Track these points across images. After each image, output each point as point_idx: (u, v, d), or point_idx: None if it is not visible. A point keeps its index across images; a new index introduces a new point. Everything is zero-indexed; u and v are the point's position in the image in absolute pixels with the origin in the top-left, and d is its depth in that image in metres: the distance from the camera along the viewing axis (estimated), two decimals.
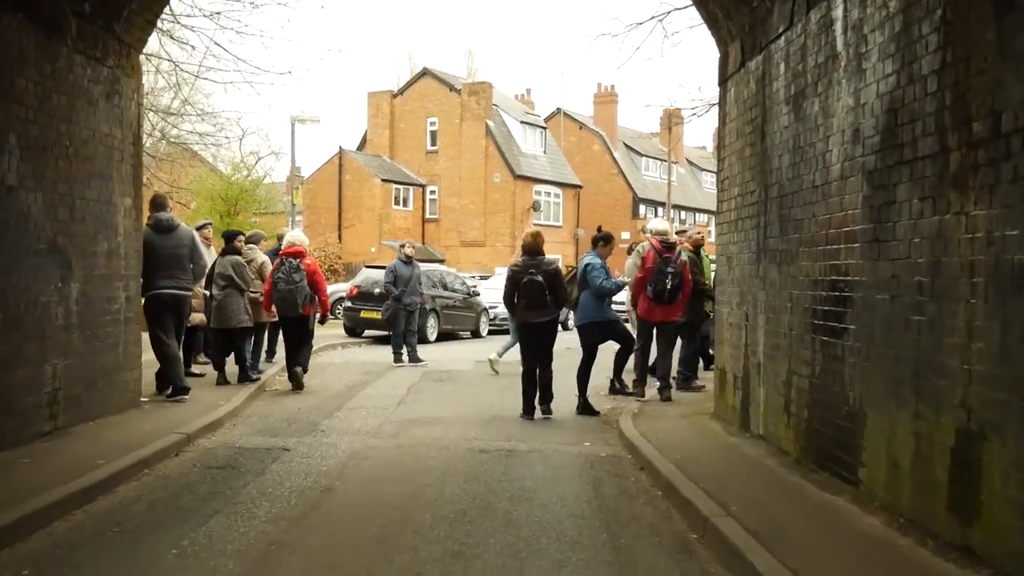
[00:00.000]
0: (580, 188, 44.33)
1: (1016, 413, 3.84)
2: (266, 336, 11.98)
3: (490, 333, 20.94)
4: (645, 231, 11.20)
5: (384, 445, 7.67)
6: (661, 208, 43.36)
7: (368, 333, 18.73)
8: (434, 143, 41.87)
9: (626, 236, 34.70)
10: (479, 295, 21.06)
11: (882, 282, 5.11)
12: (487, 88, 41.17)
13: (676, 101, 54.67)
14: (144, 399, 8.88)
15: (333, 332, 18.10)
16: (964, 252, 4.26)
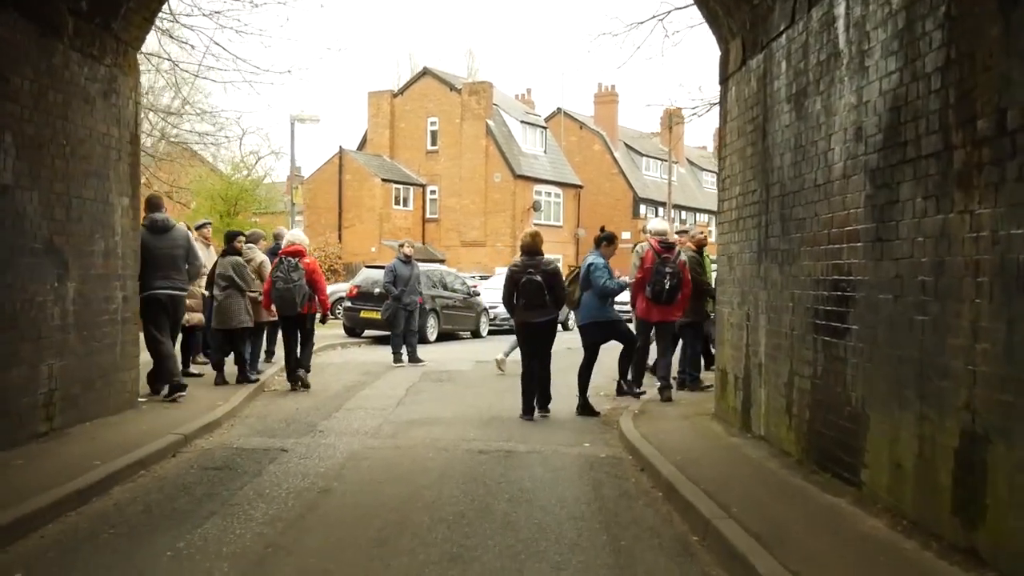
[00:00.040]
0: (580, 188, 44.29)
1: (1022, 415, 3.79)
2: (265, 336, 11.96)
3: (490, 333, 20.90)
4: (646, 231, 11.17)
5: (383, 446, 7.62)
6: (662, 208, 43.29)
7: (368, 333, 18.69)
8: (434, 143, 41.83)
9: (627, 236, 34.60)
10: (479, 295, 21.03)
11: (885, 282, 5.06)
12: (487, 88, 41.14)
13: (677, 101, 54.67)
14: (142, 399, 8.83)
15: (333, 332, 18.06)
16: (968, 251, 4.21)
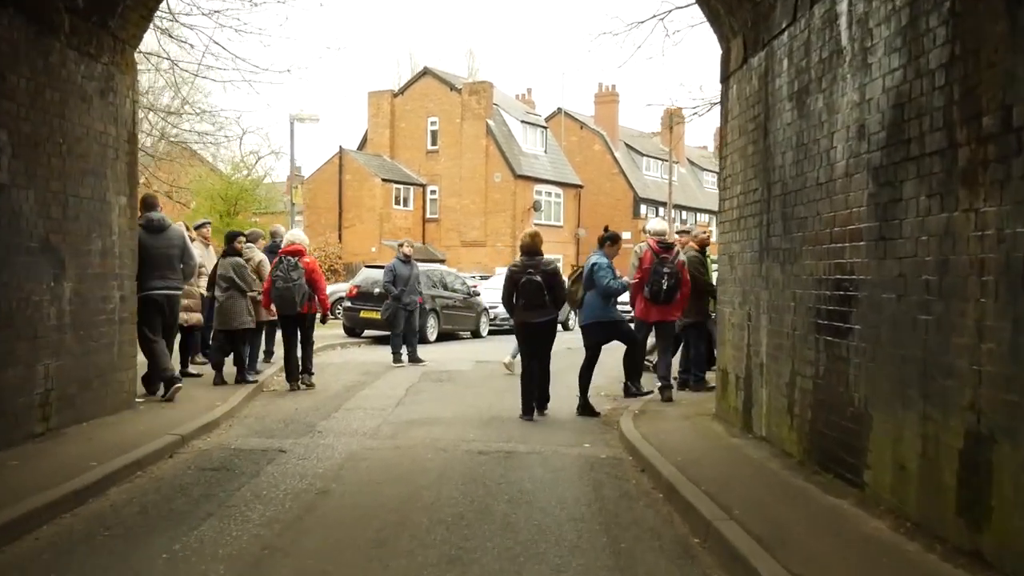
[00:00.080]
0: (581, 188, 44.23)
1: None
2: (263, 336, 11.91)
3: (490, 333, 20.85)
4: (645, 231, 11.14)
5: (382, 446, 7.57)
6: (662, 208, 43.23)
7: (367, 333, 18.64)
8: (435, 143, 41.78)
9: (627, 236, 34.53)
10: (479, 295, 20.98)
11: (888, 281, 5.01)
12: (488, 87, 41.09)
13: (677, 100, 54.73)
14: (139, 399, 8.78)
15: (332, 332, 18.01)
16: (973, 250, 4.16)
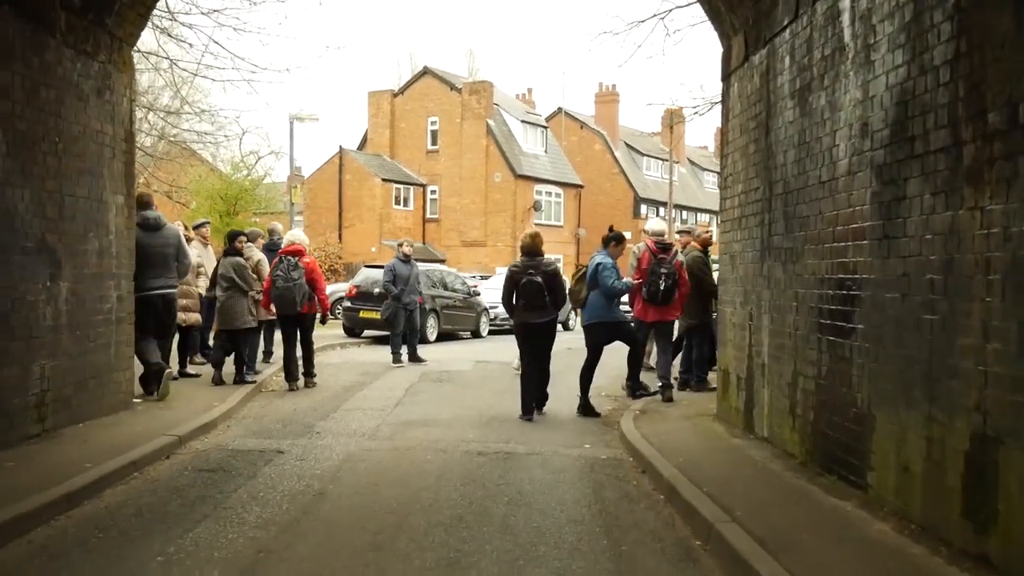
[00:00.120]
0: (581, 188, 44.16)
1: None
2: (262, 336, 11.84)
3: (490, 333, 20.80)
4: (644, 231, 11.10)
5: (380, 447, 7.51)
6: (663, 208, 43.16)
7: (367, 333, 18.57)
8: (435, 142, 41.71)
9: (628, 236, 34.40)
10: (479, 295, 20.92)
11: (892, 280, 4.95)
12: (488, 87, 41.02)
13: (678, 100, 54.66)
14: (136, 400, 8.72)
15: (332, 332, 17.94)
16: (979, 248, 4.10)
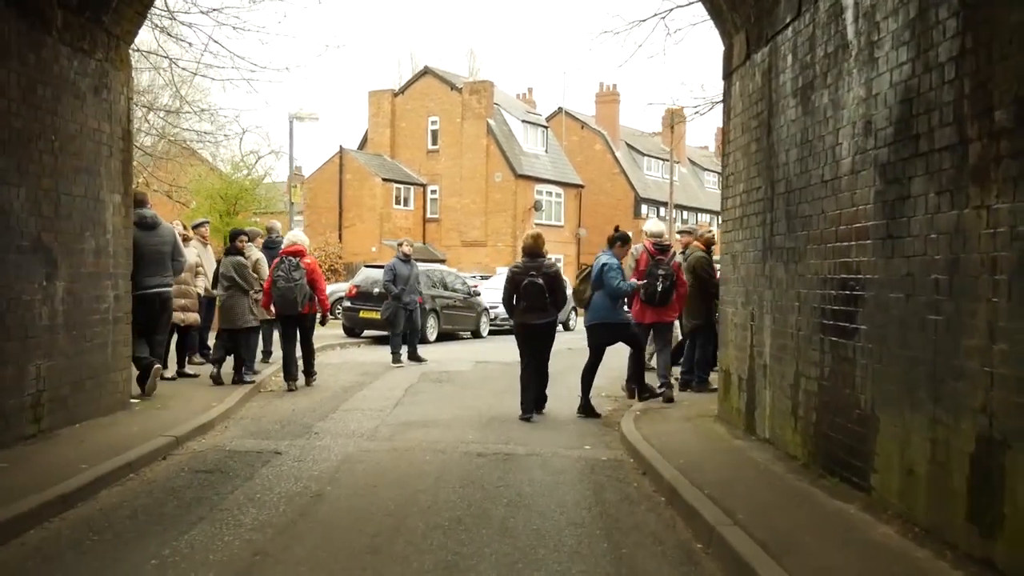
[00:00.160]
0: (582, 188, 44.09)
1: None
2: (260, 336, 11.79)
3: (491, 333, 20.75)
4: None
5: (379, 448, 7.45)
6: (663, 208, 43.10)
7: (367, 333, 18.53)
8: (435, 142, 41.64)
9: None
10: (479, 295, 20.87)
11: (896, 280, 4.89)
12: (488, 87, 40.95)
13: (678, 99, 54.66)
14: (134, 400, 8.67)
15: (332, 332, 17.88)
16: (985, 248, 4.04)
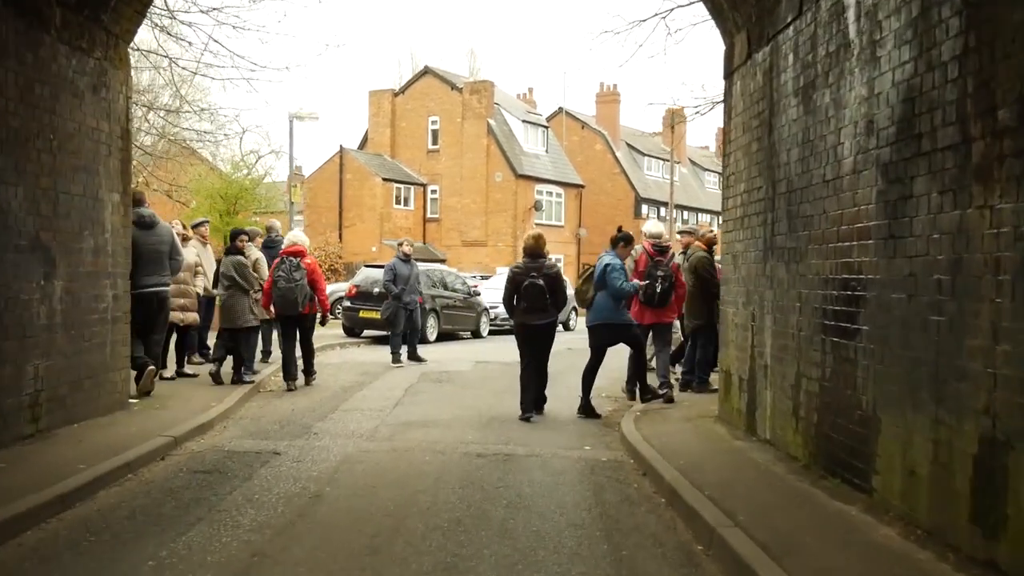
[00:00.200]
0: (582, 188, 44.06)
1: None
2: (259, 336, 11.77)
3: (491, 333, 20.72)
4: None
5: (378, 449, 7.42)
6: (664, 208, 43.06)
7: (367, 333, 18.50)
8: (435, 142, 41.62)
9: None
10: (480, 295, 20.84)
11: (898, 280, 4.86)
12: (489, 87, 40.93)
13: (679, 99, 54.60)
14: (133, 400, 8.64)
15: (332, 332, 17.85)
16: (988, 248, 4.01)
